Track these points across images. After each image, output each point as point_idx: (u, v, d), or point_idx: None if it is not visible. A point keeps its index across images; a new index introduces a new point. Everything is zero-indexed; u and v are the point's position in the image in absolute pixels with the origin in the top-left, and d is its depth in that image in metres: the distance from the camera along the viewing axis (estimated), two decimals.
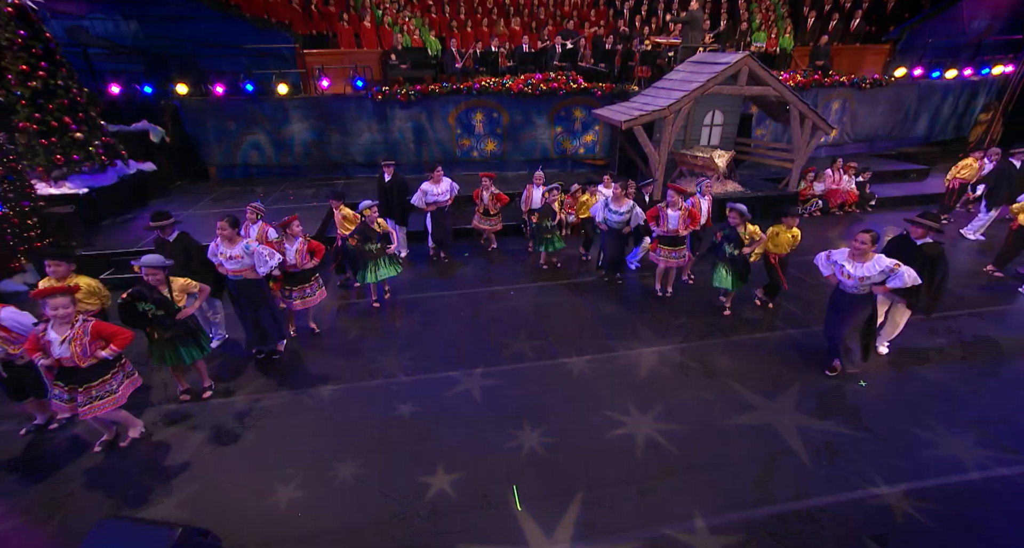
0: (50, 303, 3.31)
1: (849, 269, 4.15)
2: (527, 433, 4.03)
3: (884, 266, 4.02)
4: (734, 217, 5.31)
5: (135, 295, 3.93)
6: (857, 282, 4.15)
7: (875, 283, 4.13)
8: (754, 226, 5.31)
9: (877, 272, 4.04)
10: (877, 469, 3.52)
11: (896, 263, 3.99)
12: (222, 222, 4.47)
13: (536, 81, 10.39)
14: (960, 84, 13.63)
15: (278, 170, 10.65)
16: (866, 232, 4.03)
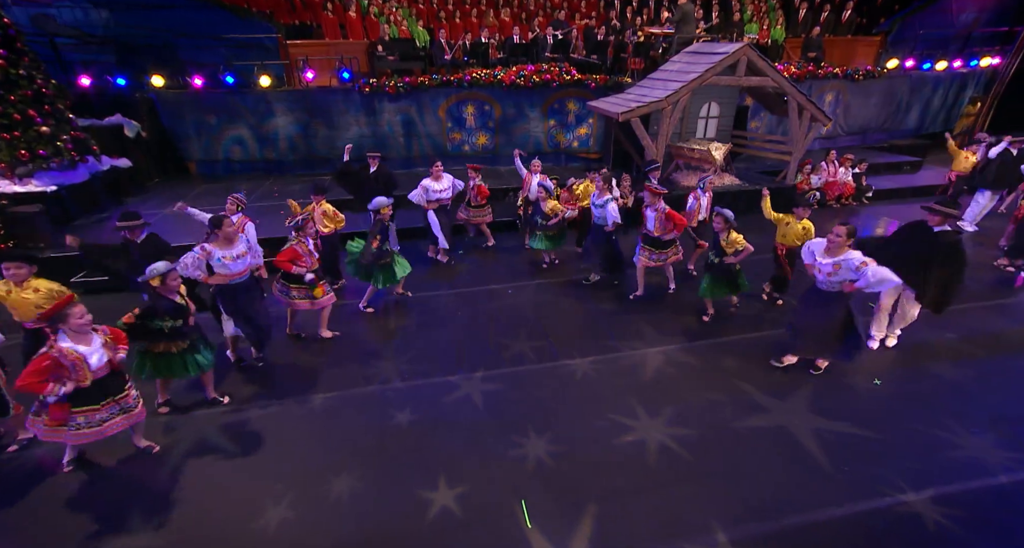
0: (73, 313, 2.98)
1: (820, 261, 3.98)
2: (532, 441, 3.82)
3: (851, 262, 3.78)
4: (719, 223, 4.90)
5: (148, 313, 3.58)
6: (825, 277, 3.97)
7: (843, 280, 3.91)
8: (738, 235, 4.88)
9: (844, 268, 3.83)
10: (901, 474, 3.38)
11: (864, 261, 3.74)
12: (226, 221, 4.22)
13: (529, 73, 10.12)
14: (950, 76, 13.66)
15: (262, 165, 10.25)
16: (843, 225, 3.83)
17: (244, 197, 5.22)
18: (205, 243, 4.24)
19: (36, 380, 2.90)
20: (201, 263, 4.14)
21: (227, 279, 4.32)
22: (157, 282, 3.57)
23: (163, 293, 3.62)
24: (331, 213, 5.88)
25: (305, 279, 4.73)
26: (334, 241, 6.06)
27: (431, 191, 6.57)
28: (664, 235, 5.53)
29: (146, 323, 3.58)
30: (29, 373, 2.89)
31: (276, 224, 7.04)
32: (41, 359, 2.91)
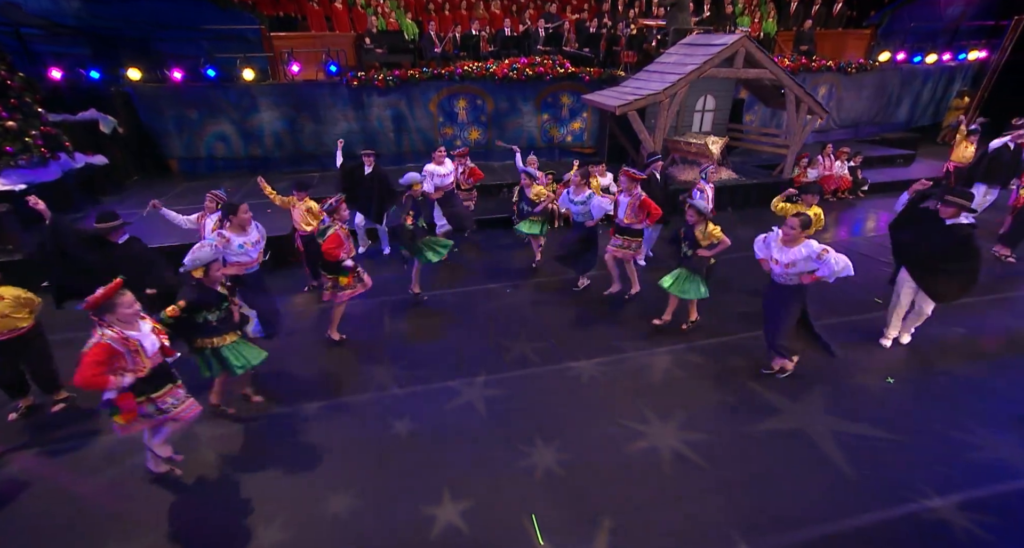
0: (122, 302, 2.76)
1: (776, 254, 3.85)
2: (540, 450, 3.63)
3: (811, 251, 3.66)
4: (691, 214, 4.58)
5: (195, 306, 3.33)
6: (783, 269, 3.84)
7: (802, 272, 3.79)
8: (715, 226, 4.56)
9: (803, 257, 3.70)
10: (925, 478, 3.25)
11: (824, 249, 3.62)
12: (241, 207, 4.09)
13: (521, 66, 9.89)
14: (939, 69, 13.71)
15: (247, 163, 9.88)
16: (797, 216, 3.74)
17: (224, 193, 4.92)
18: (222, 230, 3.99)
19: (96, 372, 2.65)
20: (219, 252, 3.82)
21: (243, 269, 4.09)
22: (200, 273, 3.34)
23: (207, 284, 3.39)
24: (315, 211, 5.62)
25: (345, 265, 4.56)
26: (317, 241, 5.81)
27: (436, 176, 6.35)
28: (634, 223, 5.27)
29: (193, 317, 3.34)
30: (87, 366, 2.63)
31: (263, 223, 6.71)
32: (95, 350, 2.65)
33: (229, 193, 8.47)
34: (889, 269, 6.61)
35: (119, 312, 2.76)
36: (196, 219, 4.89)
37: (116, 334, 2.74)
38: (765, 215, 8.71)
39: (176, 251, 6.25)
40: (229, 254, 4.08)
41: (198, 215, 4.90)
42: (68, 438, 3.82)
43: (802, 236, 3.75)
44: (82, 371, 2.63)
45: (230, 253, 4.08)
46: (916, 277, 4.33)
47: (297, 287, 6.17)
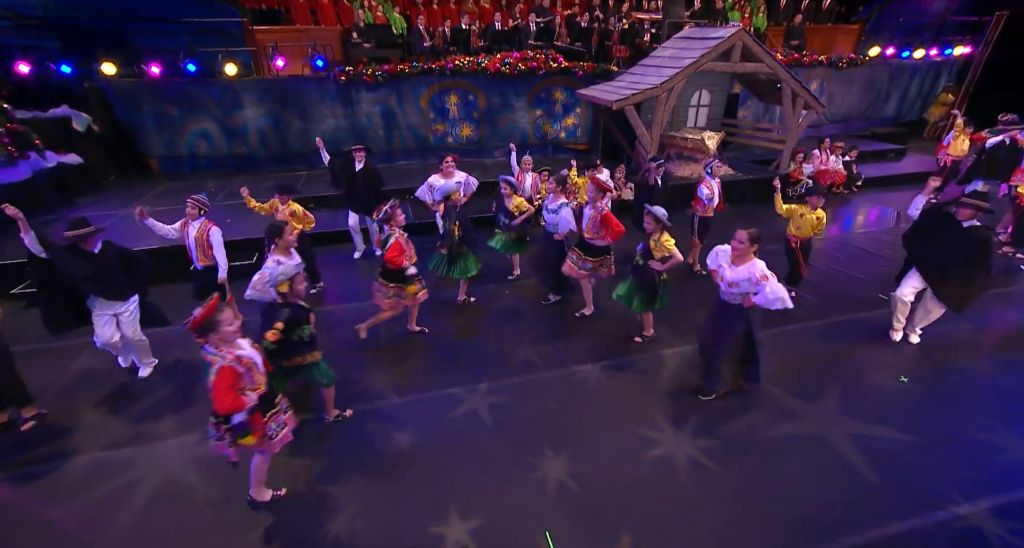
0: (223, 320, 2.61)
1: (725, 271, 3.54)
2: (551, 461, 3.45)
3: (752, 274, 3.36)
4: (649, 222, 4.18)
5: (293, 322, 3.20)
6: (726, 287, 3.58)
7: (744, 293, 3.48)
8: (670, 239, 4.18)
9: (744, 278, 3.39)
10: (951, 483, 3.15)
11: (764, 275, 3.32)
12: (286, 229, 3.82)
13: (514, 60, 9.66)
14: (926, 64, 13.81)
15: (231, 161, 9.52)
16: (745, 230, 3.38)
17: (206, 198, 4.64)
18: (274, 255, 3.69)
19: (233, 396, 2.58)
20: (300, 265, 3.74)
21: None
22: (286, 288, 3.25)
23: (291, 299, 3.27)
24: (300, 214, 5.37)
25: (408, 273, 4.40)
26: (304, 242, 5.53)
27: (436, 189, 5.95)
28: (595, 239, 4.75)
29: (289, 336, 3.20)
30: (222, 392, 2.55)
31: (249, 225, 6.45)
32: (223, 376, 2.56)
33: (212, 194, 8.23)
34: (889, 264, 6.62)
35: (222, 330, 2.61)
36: (179, 227, 4.61)
37: (232, 355, 2.62)
38: (760, 212, 8.68)
39: (162, 253, 5.99)
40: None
41: (181, 222, 4.61)
42: (39, 460, 3.54)
43: (751, 253, 3.42)
44: (220, 399, 2.56)
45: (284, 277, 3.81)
46: (932, 284, 4.23)
47: None
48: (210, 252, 4.61)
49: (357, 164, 6.28)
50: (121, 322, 4.18)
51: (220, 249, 4.62)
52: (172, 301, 5.65)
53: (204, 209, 4.59)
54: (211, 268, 4.66)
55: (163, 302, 5.64)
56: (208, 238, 4.56)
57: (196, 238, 4.55)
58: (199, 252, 4.61)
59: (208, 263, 4.65)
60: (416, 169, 9.92)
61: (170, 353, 4.71)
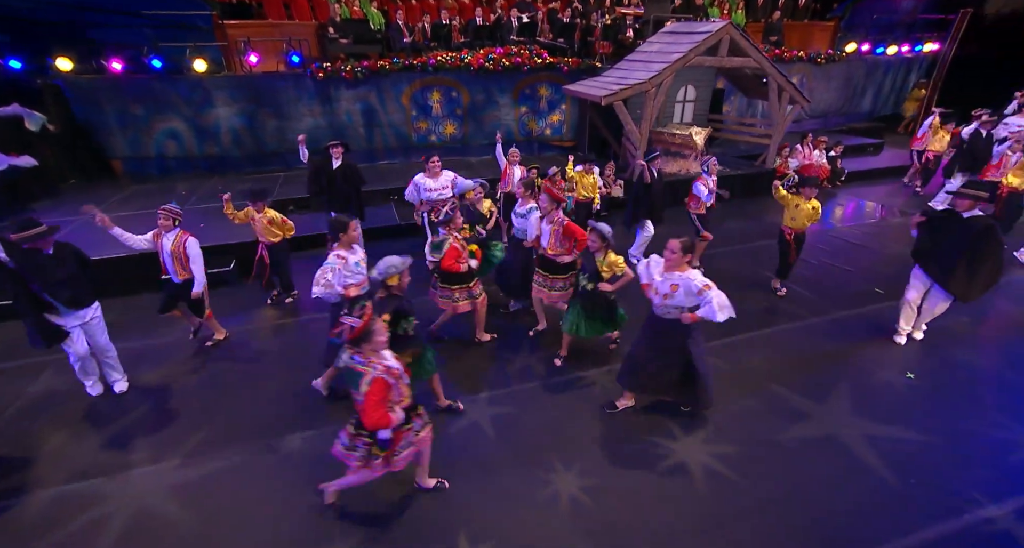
0: (377, 330, 2.52)
1: (657, 282, 3.28)
2: (561, 475, 3.26)
3: (691, 285, 3.10)
4: (594, 240, 3.81)
5: (398, 315, 3.12)
6: (661, 300, 3.28)
7: (680, 306, 3.20)
8: (617, 257, 3.87)
9: (682, 290, 3.14)
10: (973, 484, 3.08)
11: (706, 284, 3.08)
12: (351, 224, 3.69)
13: (497, 56, 9.43)
14: (898, 61, 14.13)
15: (203, 163, 9.04)
16: (678, 239, 3.15)
17: (177, 207, 4.28)
18: (337, 250, 3.60)
19: (383, 411, 2.48)
20: (340, 276, 3.55)
21: (358, 289, 3.68)
22: (395, 281, 3.18)
23: (397, 293, 3.20)
24: (278, 221, 5.06)
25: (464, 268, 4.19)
26: (283, 251, 5.23)
27: (424, 190, 5.70)
28: (560, 255, 4.28)
29: (395, 329, 3.07)
30: (373, 407, 2.44)
31: (223, 229, 6.07)
32: (376, 388, 2.45)
33: (184, 197, 7.77)
34: (878, 257, 6.66)
35: (375, 340, 2.50)
36: (152, 238, 4.25)
37: (382, 366, 2.51)
38: (748, 207, 8.70)
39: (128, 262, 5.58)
40: (347, 276, 3.64)
41: (153, 233, 4.25)
42: None
43: (684, 262, 3.17)
44: (370, 413, 2.45)
45: (348, 274, 3.64)
46: (937, 277, 4.18)
47: (259, 301, 5.55)
48: (187, 264, 4.29)
49: (335, 161, 5.96)
50: (90, 331, 3.83)
51: (198, 262, 4.30)
52: (136, 313, 5.30)
53: (178, 219, 4.24)
54: (190, 282, 4.33)
55: (127, 315, 5.29)
56: (185, 250, 4.23)
57: (172, 251, 4.21)
58: (176, 266, 4.27)
59: (187, 276, 4.32)
60: (399, 168, 9.62)
61: (139, 370, 4.35)
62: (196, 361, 4.55)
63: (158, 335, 4.93)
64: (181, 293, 4.36)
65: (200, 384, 4.24)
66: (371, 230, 7.12)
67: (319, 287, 3.37)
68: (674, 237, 3.28)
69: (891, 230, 7.59)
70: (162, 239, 4.22)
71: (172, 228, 4.21)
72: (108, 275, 5.59)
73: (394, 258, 3.18)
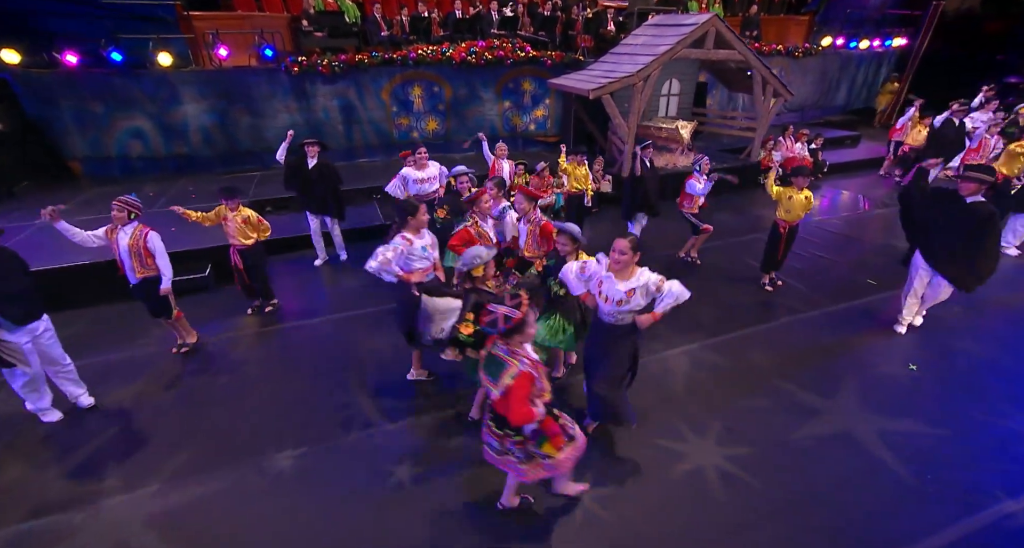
0: (530, 322, 2.42)
1: (605, 289, 2.94)
2: (572, 485, 3.10)
3: (650, 282, 2.85)
4: (564, 243, 3.40)
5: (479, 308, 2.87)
6: (614, 308, 2.93)
7: (635, 309, 2.93)
8: (590, 257, 3.41)
9: (639, 292, 2.87)
10: (991, 477, 3.05)
11: (661, 278, 2.86)
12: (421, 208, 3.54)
13: (480, 49, 9.20)
14: (870, 55, 14.43)
15: (171, 163, 8.55)
16: (626, 239, 2.85)
17: (137, 199, 3.96)
18: (404, 233, 3.45)
19: (528, 406, 2.36)
20: (402, 258, 3.42)
21: (423, 275, 3.55)
22: (480, 271, 3.15)
23: (481, 286, 3.17)
24: (254, 221, 4.74)
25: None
26: (258, 255, 4.91)
27: (411, 182, 5.51)
28: (538, 258, 3.96)
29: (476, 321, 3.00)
30: (520, 401, 2.33)
31: (197, 233, 5.69)
32: (522, 382, 2.33)
33: (151, 200, 7.31)
34: (866, 247, 6.71)
35: (527, 332, 2.40)
36: (104, 234, 3.92)
37: (529, 360, 2.40)
38: (735, 200, 8.70)
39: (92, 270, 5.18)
40: (412, 259, 3.52)
41: (107, 229, 3.92)
42: None
43: (634, 262, 2.90)
44: (516, 409, 2.33)
45: (413, 258, 3.51)
46: (938, 267, 4.16)
47: (238, 309, 5.19)
48: (149, 261, 3.98)
49: (310, 160, 5.66)
50: (42, 345, 3.48)
51: (162, 255, 4.01)
52: (103, 325, 4.92)
53: (135, 212, 3.90)
54: (150, 280, 4.03)
55: (95, 326, 4.91)
56: (145, 244, 3.91)
57: (129, 246, 3.89)
58: (135, 262, 3.95)
59: (147, 274, 4.01)
60: (380, 166, 9.30)
61: (108, 387, 4.02)
62: (171, 375, 4.23)
63: (128, 347, 4.58)
64: (141, 293, 4.06)
65: (177, 400, 3.93)
66: (354, 231, 6.85)
67: (375, 262, 3.26)
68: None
69: (876, 221, 7.69)
70: (117, 234, 3.89)
71: (128, 221, 3.87)
72: (73, 284, 5.20)
73: (479, 248, 3.10)
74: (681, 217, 5.95)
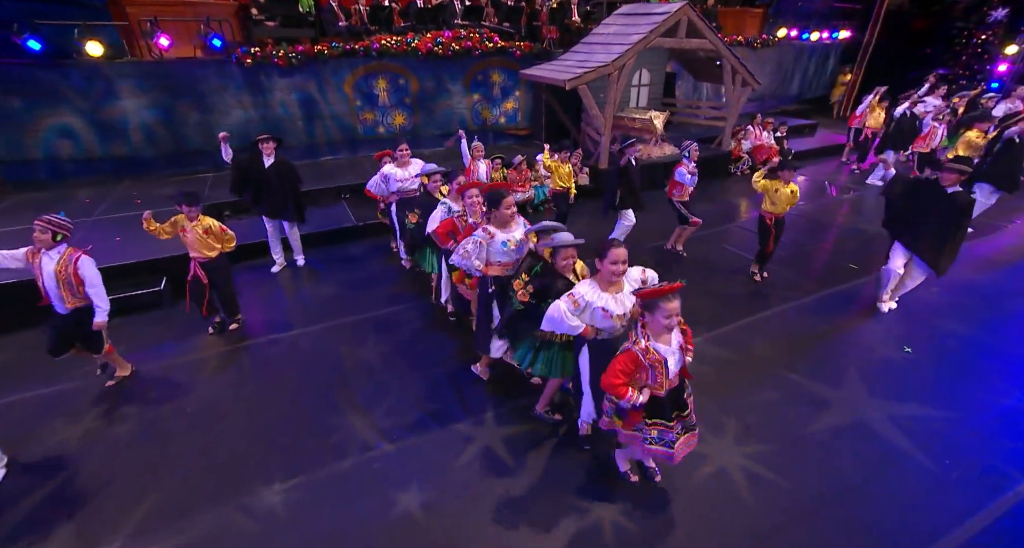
0: (664, 308, 2.36)
1: (612, 307, 2.64)
2: (594, 501, 2.90)
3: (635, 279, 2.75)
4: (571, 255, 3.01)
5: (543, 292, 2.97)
6: (617, 323, 2.67)
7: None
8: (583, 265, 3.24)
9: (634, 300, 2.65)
10: (1004, 458, 3.09)
11: (641, 269, 2.79)
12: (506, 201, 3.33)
13: (447, 40, 8.80)
14: (820, 46, 15.01)
15: (108, 164, 7.69)
16: (619, 247, 2.60)
17: (65, 218, 3.42)
18: (486, 225, 3.35)
19: (618, 382, 2.42)
20: (482, 250, 3.30)
21: (503, 270, 3.37)
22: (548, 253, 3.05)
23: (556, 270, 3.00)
24: (216, 230, 4.22)
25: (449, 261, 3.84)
26: (223, 269, 4.38)
27: (393, 180, 5.13)
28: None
29: (540, 305, 2.89)
30: (612, 372, 2.43)
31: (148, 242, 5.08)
32: (624, 358, 2.43)
33: (89, 207, 6.54)
34: (841, 232, 6.88)
35: (658, 316, 2.37)
36: (25, 256, 3.38)
37: (643, 344, 2.41)
38: (709, 190, 8.74)
39: (24, 286, 4.50)
40: (491, 253, 3.37)
41: (27, 251, 3.38)
42: None
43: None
44: (608, 376, 2.45)
45: (492, 251, 3.36)
46: (919, 251, 4.25)
47: (198, 327, 4.63)
48: (81, 290, 3.45)
49: (266, 159, 5.16)
50: None
51: (96, 285, 3.47)
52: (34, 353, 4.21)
53: (60, 233, 3.35)
54: (83, 309, 3.50)
55: (24, 355, 4.25)
56: (77, 272, 3.38)
57: (56, 272, 3.35)
58: (63, 291, 3.40)
59: (78, 304, 3.48)
60: (344, 164, 8.78)
61: (45, 428, 3.47)
62: (124, 408, 3.69)
63: (68, 378, 3.98)
64: (70, 325, 3.51)
65: (134, 437, 3.44)
66: (321, 234, 6.39)
67: (457, 255, 3.32)
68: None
69: (844, 206, 7.92)
70: (41, 258, 3.35)
71: (54, 245, 3.34)
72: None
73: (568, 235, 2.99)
74: (666, 208, 5.87)
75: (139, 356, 4.19)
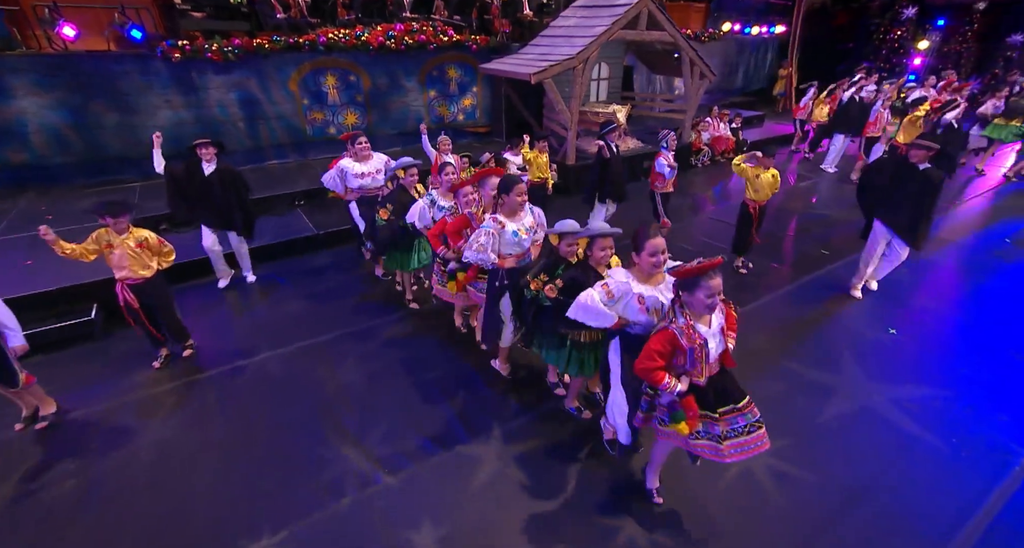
0: (705, 286, 2.14)
1: (661, 297, 2.43)
2: (624, 517, 2.70)
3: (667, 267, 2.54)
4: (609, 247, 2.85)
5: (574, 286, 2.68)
6: (653, 318, 2.43)
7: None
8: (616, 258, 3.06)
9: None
10: (1003, 430, 3.19)
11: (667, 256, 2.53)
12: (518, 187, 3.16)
13: (399, 33, 8.33)
14: (760, 40, 15.71)
15: (6, 175, 6.60)
16: (656, 236, 2.45)
17: None
18: (496, 215, 3.15)
19: (652, 366, 2.20)
20: (495, 242, 3.13)
21: (516, 260, 3.24)
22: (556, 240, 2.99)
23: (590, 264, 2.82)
24: (153, 243, 3.64)
25: (447, 268, 3.69)
26: (160, 286, 3.78)
27: (350, 175, 4.66)
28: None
29: (568, 301, 2.59)
30: (647, 354, 2.21)
31: (65, 265, 4.37)
32: (659, 337, 2.21)
33: None
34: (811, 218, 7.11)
35: (699, 295, 2.16)
36: None
37: (684, 323, 2.20)
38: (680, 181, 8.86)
39: None
40: (503, 244, 3.19)
41: None
42: None
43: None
44: (643, 358, 2.24)
45: (504, 242, 3.17)
46: (897, 229, 4.37)
47: (142, 359, 4.00)
48: None
49: (206, 166, 4.56)
50: None
51: (3, 311, 2.99)
52: None
53: None
54: None
55: None
56: None
57: None
58: None
59: None
60: (293, 168, 8.09)
61: None
62: (60, 464, 3.09)
63: None
64: None
65: (77, 499, 2.87)
66: (280, 245, 5.82)
67: (471, 251, 3.10)
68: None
69: (803, 192, 8.22)
70: None
71: None
72: None
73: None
74: (644, 201, 5.80)
75: (73, 398, 3.57)
